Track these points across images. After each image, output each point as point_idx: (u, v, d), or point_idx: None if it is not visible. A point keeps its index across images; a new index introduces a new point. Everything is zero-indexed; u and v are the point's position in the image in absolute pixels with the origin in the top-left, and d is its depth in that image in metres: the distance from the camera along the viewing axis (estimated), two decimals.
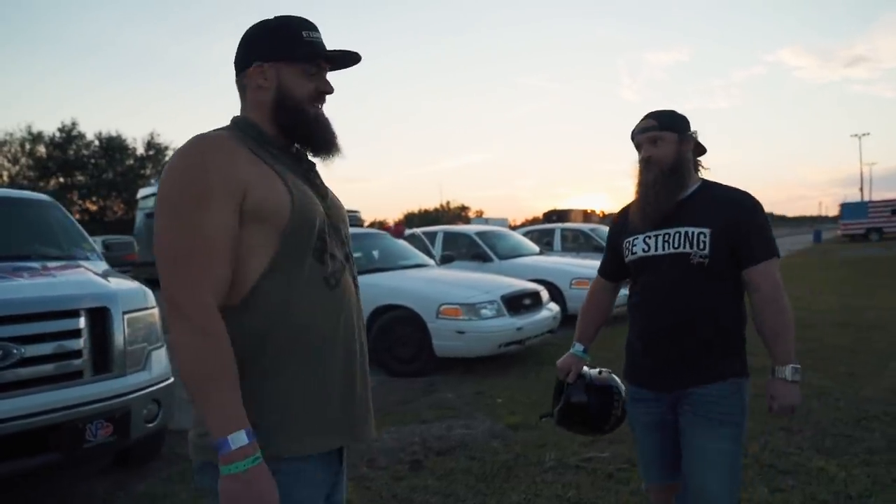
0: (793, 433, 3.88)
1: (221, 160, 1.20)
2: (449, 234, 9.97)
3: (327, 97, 1.41)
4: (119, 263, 4.82)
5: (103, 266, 4.13)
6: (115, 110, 72.21)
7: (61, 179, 40.03)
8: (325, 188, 1.42)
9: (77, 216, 40.19)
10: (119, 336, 3.21)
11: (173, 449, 4.01)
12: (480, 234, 9.70)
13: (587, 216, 36.41)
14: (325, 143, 1.39)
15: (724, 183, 2.04)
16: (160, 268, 1.20)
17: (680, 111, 2.06)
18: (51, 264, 3.73)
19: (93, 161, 40.70)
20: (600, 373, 2.29)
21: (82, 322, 3.09)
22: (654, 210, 1.96)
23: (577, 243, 12.44)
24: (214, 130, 1.31)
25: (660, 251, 1.97)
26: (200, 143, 1.23)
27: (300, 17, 1.37)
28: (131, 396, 3.19)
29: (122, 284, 3.55)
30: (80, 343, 3.06)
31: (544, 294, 6.69)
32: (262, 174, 1.24)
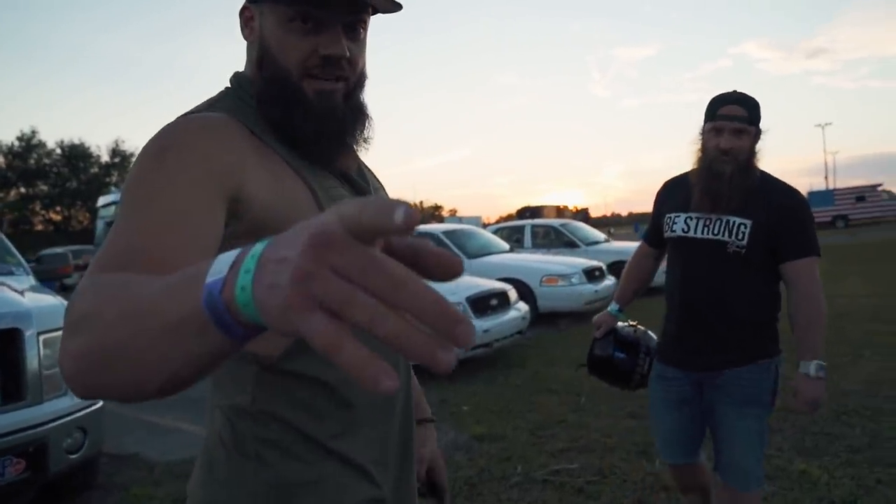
0: (772, 432, 3.68)
1: (200, 142, 0.79)
2: (416, 234, 9.68)
3: (351, 66, 0.91)
4: (53, 277, 4.47)
5: (29, 281, 3.80)
6: (78, 118, 70.55)
7: (22, 189, 38.93)
8: (366, 181, 1.00)
9: (40, 227, 39.16)
10: (33, 359, 2.89)
11: (111, 477, 3.71)
12: (448, 233, 9.44)
13: (560, 212, 36.49)
14: (320, 148, 0.90)
15: (776, 176, 2.03)
16: None
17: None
18: None
19: (55, 170, 39.67)
20: (635, 331, 2.32)
21: None
22: (727, 203, 1.93)
23: (549, 239, 12.23)
24: (209, 105, 0.90)
25: (698, 234, 1.99)
26: (175, 125, 0.82)
27: None
28: (49, 426, 2.87)
29: (42, 301, 3.23)
30: None
31: (512, 294, 6.45)
32: (268, 166, 0.84)
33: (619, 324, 2.33)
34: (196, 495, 0.92)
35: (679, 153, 2.14)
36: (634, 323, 2.36)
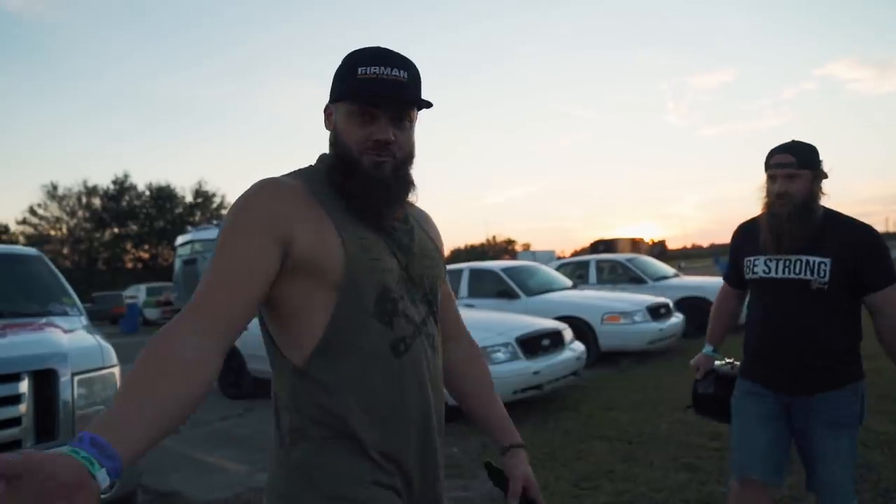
0: None
1: (261, 198, 1.11)
2: (475, 271, 9.57)
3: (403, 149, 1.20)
4: (106, 317, 4.63)
5: (80, 322, 3.93)
6: (165, 161, 75.11)
7: (115, 230, 41.46)
8: (411, 238, 1.24)
9: (130, 264, 41.48)
10: (67, 400, 2.95)
11: None
12: (507, 269, 9.28)
13: (636, 245, 35.44)
14: (371, 206, 1.16)
15: (844, 213, 2.17)
16: None
17: (811, 144, 2.16)
18: (14, 322, 3.53)
19: (144, 211, 42.09)
20: (732, 367, 2.42)
21: (23, 386, 2.84)
22: (789, 241, 2.09)
23: (615, 275, 11.83)
24: (285, 174, 1.21)
25: (780, 275, 2.13)
26: (248, 189, 1.14)
27: (371, 49, 1.18)
28: None
29: (81, 343, 3.31)
30: (20, 409, 2.81)
31: (567, 333, 6.19)
32: (313, 219, 1.12)
33: (717, 363, 2.44)
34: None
35: (762, 182, 2.23)
36: (731, 360, 2.45)
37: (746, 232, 2.33)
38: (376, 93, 1.14)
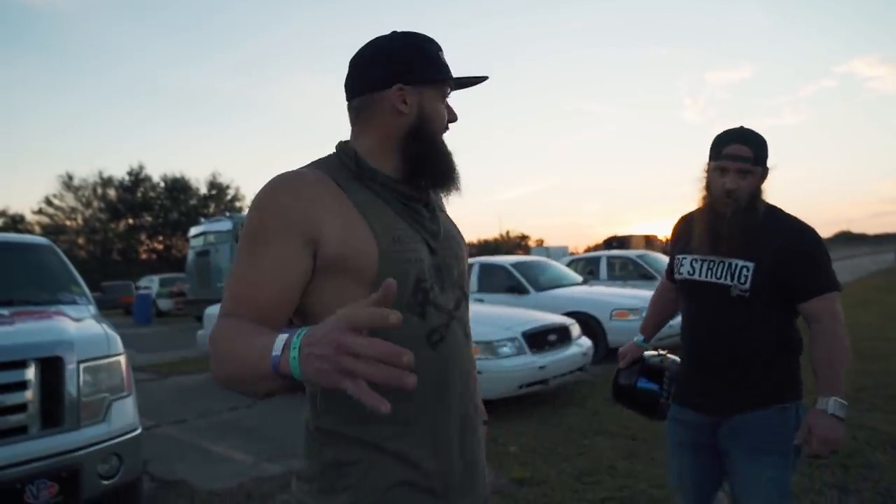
0: (848, 493, 3.29)
1: (284, 199, 1.08)
2: (485, 266, 9.58)
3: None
4: (115, 306, 4.69)
5: (88, 311, 3.97)
6: (180, 153, 75.92)
7: (130, 221, 41.82)
8: (438, 224, 1.24)
9: (144, 256, 41.84)
10: (73, 387, 2.99)
11: (152, 502, 3.76)
12: (516, 264, 9.28)
13: (649, 242, 35.17)
14: (451, 178, 1.23)
15: (788, 212, 1.92)
16: None
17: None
18: (23, 309, 3.58)
19: (159, 202, 42.39)
20: (662, 360, 2.20)
21: (30, 373, 2.88)
22: (727, 243, 1.87)
23: (626, 271, 11.81)
24: (305, 166, 1.19)
25: (702, 277, 1.95)
26: (269, 184, 1.11)
27: (428, 36, 1.23)
28: (83, 452, 2.94)
29: (87, 331, 3.35)
30: (26, 396, 2.85)
31: (574, 329, 6.18)
32: (340, 213, 1.10)
33: (647, 353, 2.26)
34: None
35: (779, 180, 2.08)
36: (664, 352, 2.25)
37: (684, 225, 2.12)
38: (466, 80, 1.28)
